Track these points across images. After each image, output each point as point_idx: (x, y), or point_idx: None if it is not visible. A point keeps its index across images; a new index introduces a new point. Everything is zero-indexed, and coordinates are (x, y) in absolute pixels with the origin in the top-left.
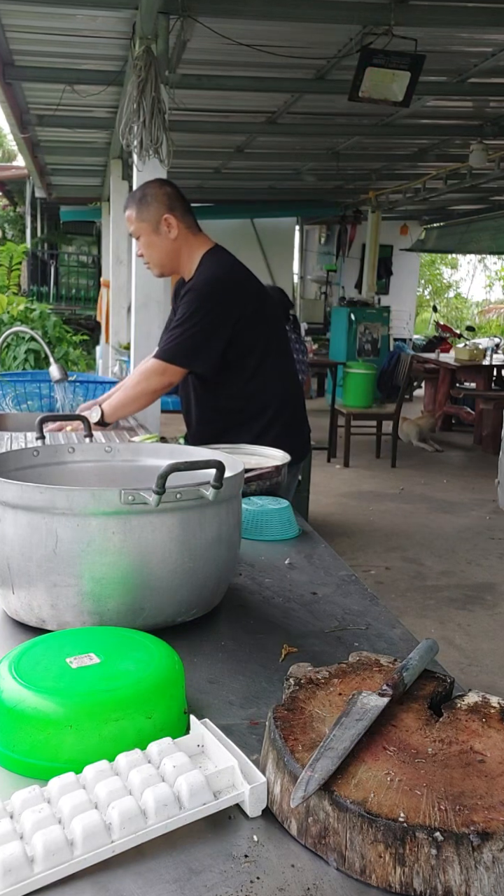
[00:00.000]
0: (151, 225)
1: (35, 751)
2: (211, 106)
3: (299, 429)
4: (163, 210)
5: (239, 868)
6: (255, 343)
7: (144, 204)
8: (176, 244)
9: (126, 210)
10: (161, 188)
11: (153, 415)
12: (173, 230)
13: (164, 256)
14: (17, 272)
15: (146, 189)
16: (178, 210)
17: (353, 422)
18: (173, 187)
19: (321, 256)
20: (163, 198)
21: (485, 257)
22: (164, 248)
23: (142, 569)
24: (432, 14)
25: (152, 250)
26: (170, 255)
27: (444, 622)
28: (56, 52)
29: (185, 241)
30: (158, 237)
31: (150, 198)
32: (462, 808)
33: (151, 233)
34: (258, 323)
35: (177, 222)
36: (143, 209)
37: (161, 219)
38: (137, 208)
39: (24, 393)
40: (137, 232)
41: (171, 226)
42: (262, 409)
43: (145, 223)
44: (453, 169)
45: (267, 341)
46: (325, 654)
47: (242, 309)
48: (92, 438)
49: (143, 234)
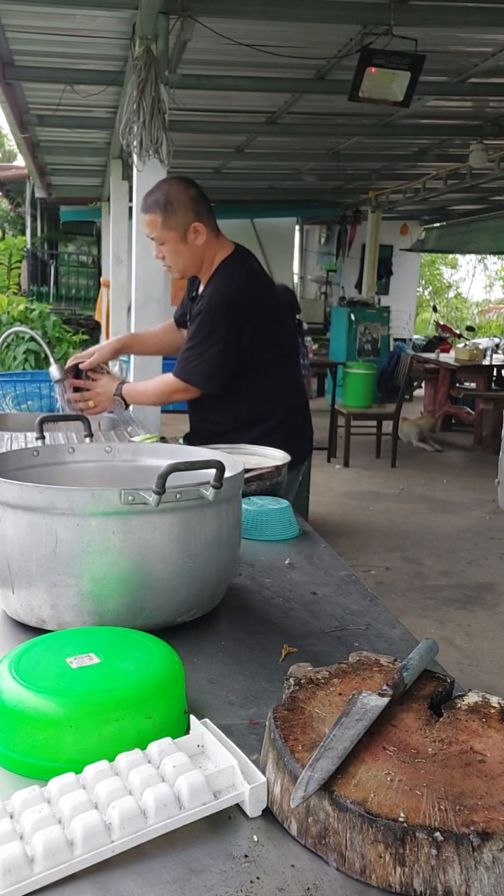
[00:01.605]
0: (179, 234)
1: (35, 751)
2: (211, 106)
3: (303, 431)
4: (191, 217)
5: (239, 868)
6: (266, 351)
7: (171, 211)
8: (202, 250)
9: (146, 214)
10: (186, 192)
11: (153, 415)
12: (201, 237)
13: (188, 263)
14: (17, 272)
15: (171, 193)
16: (203, 215)
17: (353, 422)
18: (197, 188)
19: (321, 256)
20: (190, 203)
21: (485, 257)
22: (189, 255)
23: (142, 569)
24: (432, 14)
25: (178, 258)
26: (195, 261)
27: (444, 622)
28: (56, 52)
29: (208, 247)
30: (185, 245)
31: (176, 204)
32: (462, 808)
33: (178, 241)
34: (270, 334)
35: (204, 229)
36: (170, 217)
37: (190, 227)
38: (163, 215)
39: (24, 393)
40: (162, 239)
41: (199, 233)
42: (268, 413)
43: (172, 231)
44: (453, 169)
45: (277, 349)
46: (325, 654)
47: (255, 325)
48: (92, 438)
49: (169, 241)
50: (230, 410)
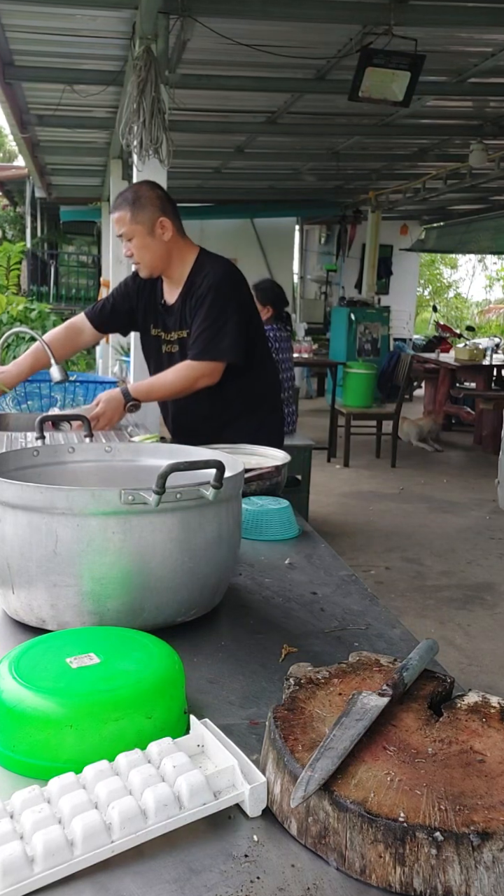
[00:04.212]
0: (146, 227)
1: (35, 751)
2: (211, 106)
3: (281, 420)
4: (157, 212)
5: (239, 868)
6: (258, 333)
7: (139, 206)
8: (168, 246)
9: (116, 212)
10: (153, 190)
11: (153, 414)
12: (167, 232)
13: (156, 258)
14: (17, 272)
15: (139, 191)
16: (169, 213)
17: (353, 422)
18: (163, 190)
19: (321, 256)
20: (156, 200)
21: (485, 257)
22: (157, 250)
23: (142, 569)
24: (432, 14)
25: (145, 252)
26: (162, 258)
27: (444, 622)
28: (56, 52)
29: (175, 244)
30: (153, 239)
31: (144, 200)
32: (462, 808)
33: (146, 235)
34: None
35: (171, 225)
36: (138, 211)
37: (156, 221)
38: (132, 210)
39: (24, 393)
40: (130, 234)
41: (165, 228)
42: (261, 399)
43: (140, 225)
44: (453, 169)
45: (260, 333)
46: (325, 654)
47: (250, 298)
48: (92, 438)
49: (137, 235)
50: (217, 406)
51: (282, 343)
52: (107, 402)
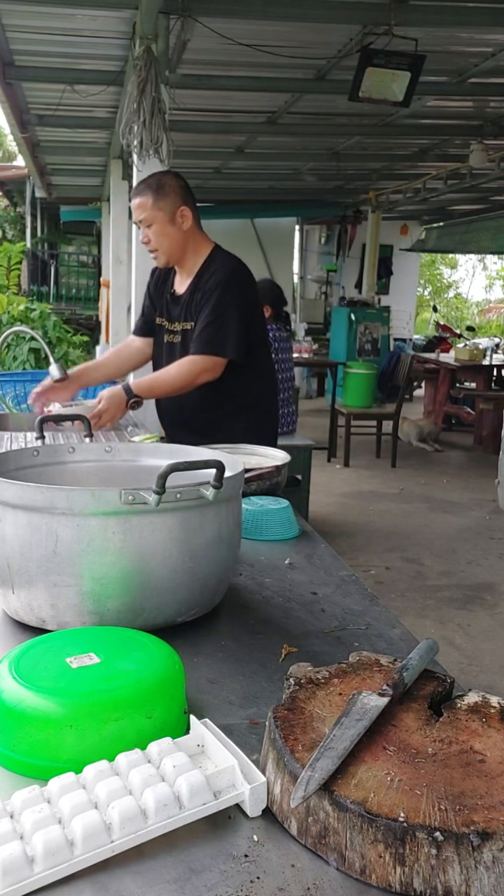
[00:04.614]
0: (168, 214)
1: (35, 751)
2: (211, 106)
3: (275, 420)
4: (179, 201)
5: (239, 868)
6: (260, 333)
7: (162, 193)
8: (186, 236)
9: (138, 197)
10: (176, 179)
11: (153, 414)
12: (187, 222)
13: (174, 247)
14: (17, 272)
15: (162, 179)
16: (190, 203)
17: (353, 422)
18: (185, 181)
19: (321, 256)
20: (178, 189)
21: (485, 257)
22: (176, 238)
23: (142, 569)
24: (432, 14)
25: (164, 239)
26: (180, 246)
27: (444, 622)
28: (56, 52)
29: (192, 236)
30: (173, 227)
31: (167, 187)
32: (462, 808)
33: (167, 222)
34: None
35: (191, 215)
36: (161, 198)
37: (178, 209)
38: (154, 196)
39: (24, 393)
40: (151, 220)
41: (185, 217)
42: (258, 398)
43: (161, 212)
44: (453, 169)
45: (262, 334)
46: (325, 654)
47: (256, 298)
48: (92, 438)
49: (158, 222)
50: (225, 392)
51: (281, 343)
52: (109, 400)
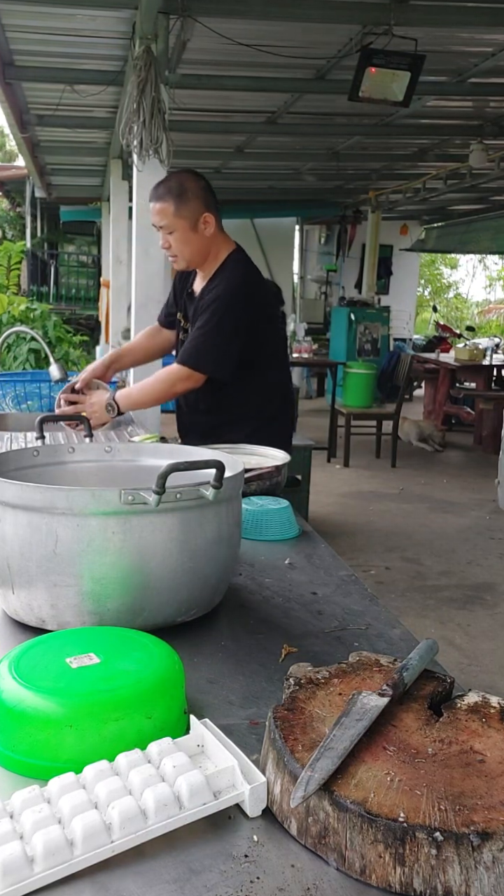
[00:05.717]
0: (189, 222)
1: (35, 751)
2: (211, 106)
3: (287, 428)
4: (202, 207)
5: (239, 868)
6: (265, 343)
7: (184, 199)
8: (209, 241)
9: (159, 202)
10: (198, 182)
11: (153, 414)
12: (209, 228)
13: (195, 253)
14: (17, 272)
15: (184, 183)
16: (212, 207)
17: (353, 422)
18: (206, 181)
19: (321, 256)
20: (201, 193)
21: (485, 257)
22: (197, 245)
23: (142, 569)
24: (432, 14)
25: (185, 247)
26: (202, 252)
27: (444, 622)
28: (56, 52)
29: (214, 240)
30: (195, 234)
31: (190, 193)
32: (462, 808)
33: (189, 230)
34: (270, 324)
35: (213, 220)
36: (183, 205)
37: (201, 217)
38: (176, 203)
39: (24, 393)
40: (172, 227)
41: (208, 223)
42: (261, 407)
43: (183, 220)
44: (453, 169)
45: (275, 342)
46: (325, 654)
47: (261, 313)
48: (92, 438)
49: (179, 230)
50: (224, 404)
51: None
52: (97, 398)
